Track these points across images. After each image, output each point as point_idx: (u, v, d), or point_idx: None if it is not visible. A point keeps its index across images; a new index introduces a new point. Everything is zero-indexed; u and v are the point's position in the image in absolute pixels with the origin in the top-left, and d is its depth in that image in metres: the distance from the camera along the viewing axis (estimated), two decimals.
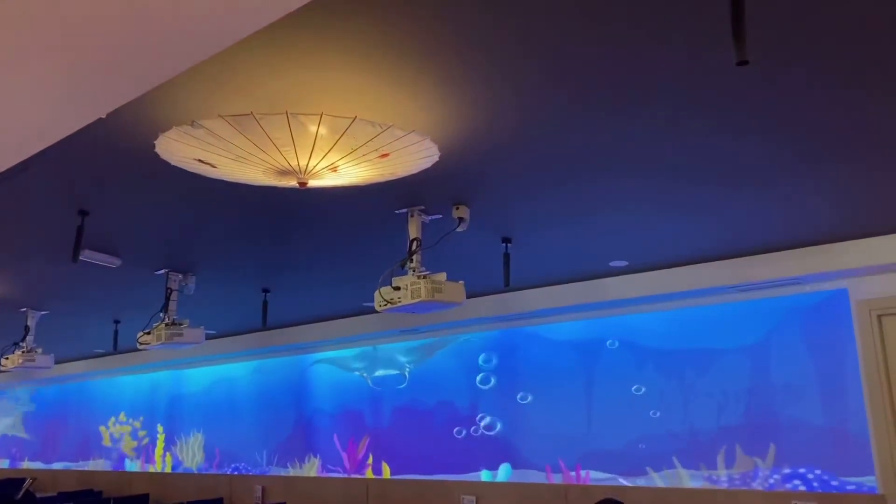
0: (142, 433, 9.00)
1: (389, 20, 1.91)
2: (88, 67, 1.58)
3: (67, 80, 1.64)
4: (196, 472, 8.21)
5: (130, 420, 9.20)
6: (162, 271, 4.60)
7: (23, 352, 5.60)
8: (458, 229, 3.49)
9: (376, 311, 3.59)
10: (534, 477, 5.66)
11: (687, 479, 4.95)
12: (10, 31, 1.49)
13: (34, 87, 1.69)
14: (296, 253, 4.36)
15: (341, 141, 2.40)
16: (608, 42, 2.03)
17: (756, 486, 4.68)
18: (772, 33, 1.98)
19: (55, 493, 8.91)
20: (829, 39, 2.03)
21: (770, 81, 2.27)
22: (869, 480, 4.30)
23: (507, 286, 4.26)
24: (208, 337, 5.59)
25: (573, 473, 5.46)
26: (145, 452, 8.94)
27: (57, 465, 10.18)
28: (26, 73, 1.62)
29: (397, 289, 3.41)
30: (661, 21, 1.92)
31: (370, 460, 6.72)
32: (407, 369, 6.62)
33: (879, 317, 4.39)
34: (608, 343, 5.48)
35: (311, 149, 2.42)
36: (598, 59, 2.12)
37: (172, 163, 2.62)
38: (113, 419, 9.46)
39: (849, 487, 4.36)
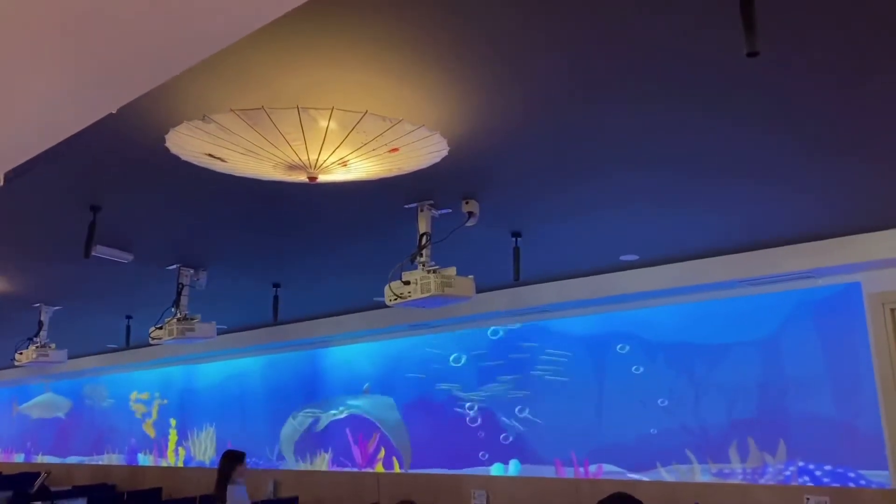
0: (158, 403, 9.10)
1: (400, 15, 1.91)
2: (98, 61, 1.58)
3: (77, 74, 1.65)
4: (208, 466, 8.26)
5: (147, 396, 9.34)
6: (173, 266, 4.62)
7: (37, 347, 5.65)
8: (468, 224, 3.49)
9: (387, 306, 3.60)
10: (544, 472, 5.66)
11: (698, 474, 4.94)
12: (18, 25, 1.49)
13: (43, 82, 1.69)
14: (306, 248, 4.37)
15: (351, 135, 2.40)
16: (618, 35, 2.02)
17: (768, 480, 4.66)
18: (783, 22, 1.96)
19: (70, 487, 8.98)
20: (842, 28, 2.01)
21: (782, 73, 2.25)
22: (881, 475, 4.27)
23: (517, 280, 4.26)
24: (220, 332, 5.60)
25: (583, 468, 5.46)
26: (158, 447, 9.00)
27: (71, 459, 10.27)
28: (35, 68, 1.63)
29: (407, 283, 3.42)
30: (672, 13, 1.91)
31: (381, 455, 6.74)
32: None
33: (893, 310, 4.36)
34: (618, 337, 5.47)
35: (321, 143, 2.42)
36: (607, 52, 2.11)
37: (182, 157, 2.63)
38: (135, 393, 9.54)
39: (861, 482, 4.34)
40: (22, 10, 1.46)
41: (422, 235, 3.46)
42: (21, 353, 5.71)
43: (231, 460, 5.44)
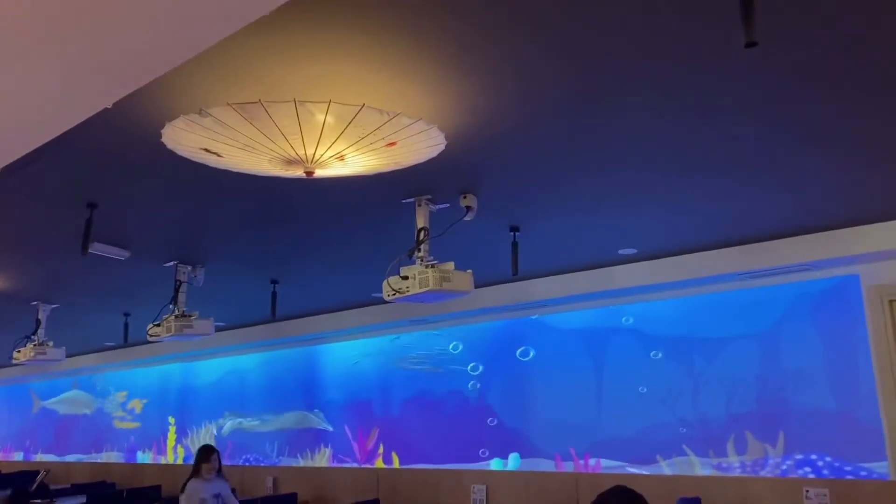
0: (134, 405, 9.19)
1: (397, 8, 1.90)
2: (93, 55, 1.57)
3: (72, 68, 1.64)
4: None
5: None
6: (171, 263, 4.61)
7: (34, 345, 5.63)
8: (466, 218, 3.48)
9: (385, 302, 3.59)
10: (543, 465, 5.66)
11: (697, 467, 4.95)
12: (13, 20, 1.48)
13: (38, 76, 1.68)
14: (304, 243, 4.36)
15: (349, 129, 2.39)
16: (614, 30, 2.01)
17: (767, 473, 4.67)
18: (778, 15, 1.96)
19: (69, 485, 8.97)
20: (837, 22, 2.01)
21: (777, 66, 2.24)
22: (880, 466, 4.28)
23: (516, 275, 4.25)
24: (218, 329, 5.59)
25: (583, 462, 5.46)
26: (157, 444, 9.00)
27: (70, 458, 10.26)
28: (30, 62, 1.62)
29: (405, 278, 3.41)
30: (668, 11, 1.90)
31: (380, 450, 6.74)
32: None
33: (891, 302, 4.36)
34: (617, 331, 5.47)
35: (318, 137, 2.41)
36: (604, 47, 2.11)
37: (178, 152, 2.62)
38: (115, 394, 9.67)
39: (860, 474, 4.34)
40: (15, 6, 1.45)
41: (420, 230, 3.45)
42: (19, 352, 5.70)
43: (197, 456, 5.58)
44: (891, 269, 4.37)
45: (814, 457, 4.52)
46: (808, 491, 4.44)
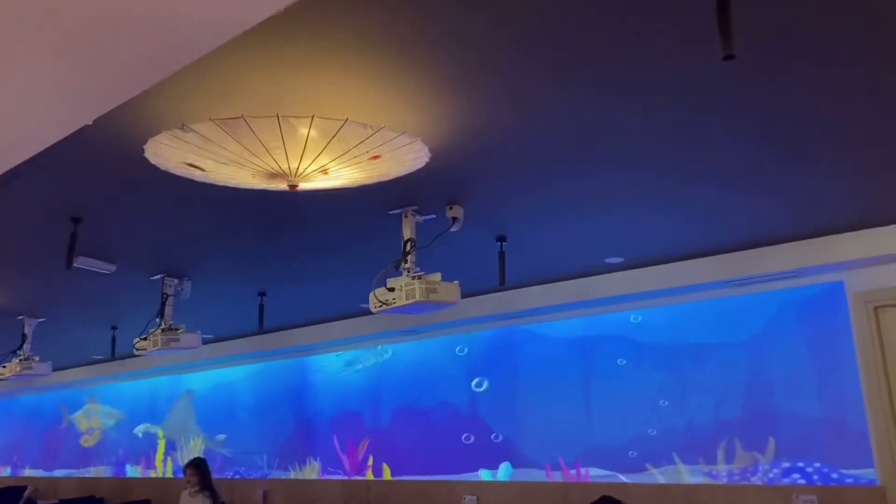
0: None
1: (380, 23, 1.91)
2: (74, 72, 1.57)
3: (53, 85, 1.63)
4: None
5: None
6: (157, 276, 4.59)
7: (20, 360, 5.59)
8: (452, 229, 3.49)
9: (372, 313, 3.59)
10: (534, 475, 5.65)
11: (687, 475, 4.95)
12: None
13: (20, 93, 1.68)
14: (291, 255, 4.36)
15: (332, 143, 2.40)
16: (598, 36, 2.03)
17: (756, 480, 4.68)
18: (764, 24, 1.97)
19: (56, 501, 8.89)
20: (822, 30, 2.03)
21: (763, 75, 2.26)
22: (868, 472, 4.30)
23: (503, 285, 4.26)
24: (205, 341, 5.57)
25: (573, 471, 5.46)
26: (146, 458, 8.93)
27: (58, 473, 10.16)
28: (11, 80, 1.62)
29: (392, 290, 3.41)
30: (655, 13, 1.92)
31: (370, 462, 6.71)
32: None
33: (876, 308, 4.38)
34: (605, 339, 5.48)
35: (301, 151, 2.41)
36: (588, 54, 2.12)
37: (161, 167, 2.61)
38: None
39: (848, 480, 4.36)
40: None
41: (406, 241, 3.45)
42: (4, 367, 5.65)
43: None
44: (875, 276, 4.40)
45: (801, 463, 4.53)
46: (796, 497, 4.45)
